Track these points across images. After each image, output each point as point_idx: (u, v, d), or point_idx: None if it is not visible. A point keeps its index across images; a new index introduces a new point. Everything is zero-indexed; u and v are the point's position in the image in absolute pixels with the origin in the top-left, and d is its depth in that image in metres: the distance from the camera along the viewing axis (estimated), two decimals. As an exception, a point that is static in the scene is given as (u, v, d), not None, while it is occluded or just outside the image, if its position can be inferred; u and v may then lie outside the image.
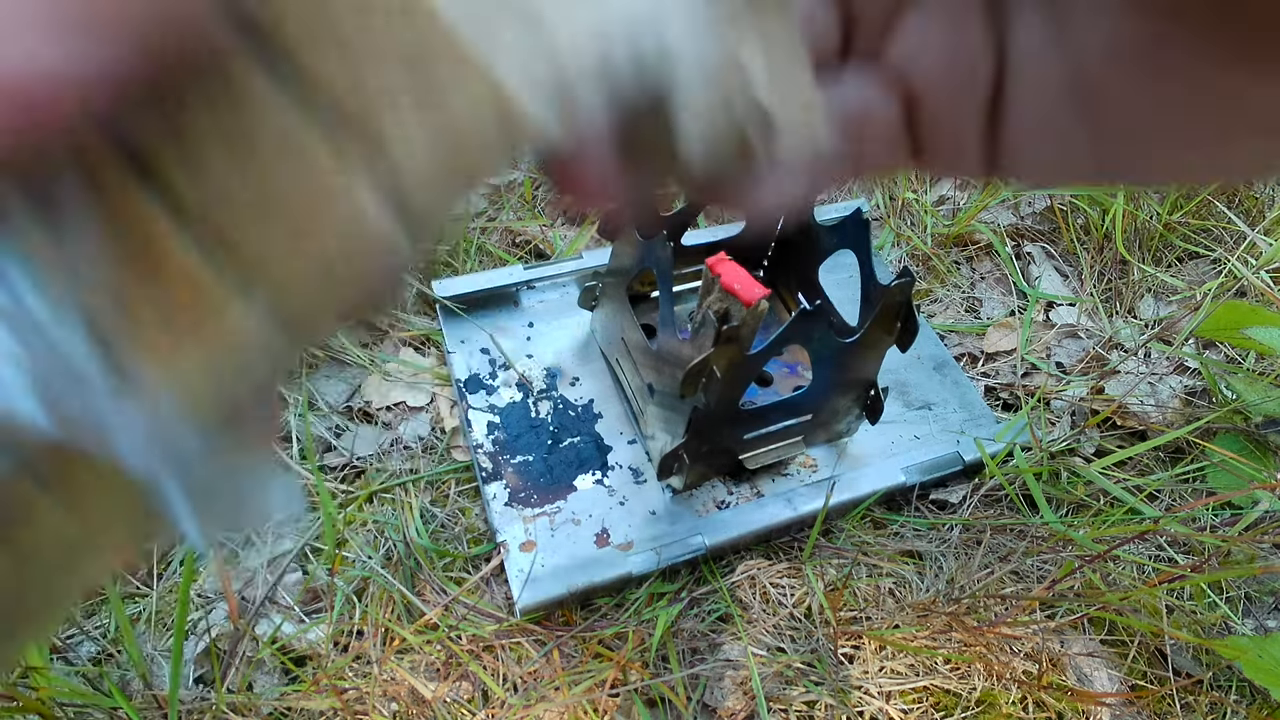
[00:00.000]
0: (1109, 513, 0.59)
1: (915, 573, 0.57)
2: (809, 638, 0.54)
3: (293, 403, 0.63)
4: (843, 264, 0.63)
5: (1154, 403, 0.67)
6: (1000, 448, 0.62)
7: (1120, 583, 0.57)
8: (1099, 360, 0.71)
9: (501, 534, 0.56)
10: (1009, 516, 0.60)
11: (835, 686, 0.51)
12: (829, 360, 0.52)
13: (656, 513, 0.58)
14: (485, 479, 0.58)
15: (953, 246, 0.80)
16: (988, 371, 0.71)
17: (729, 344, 0.47)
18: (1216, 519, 0.61)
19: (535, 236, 0.77)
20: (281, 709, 0.49)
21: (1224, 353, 0.73)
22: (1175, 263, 0.80)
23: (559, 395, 0.64)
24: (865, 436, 0.63)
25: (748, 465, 0.57)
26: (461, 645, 0.52)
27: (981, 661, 0.52)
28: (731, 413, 0.53)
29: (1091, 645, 0.55)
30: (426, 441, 0.62)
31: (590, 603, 0.55)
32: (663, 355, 0.54)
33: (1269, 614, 0.57)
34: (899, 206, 0.82)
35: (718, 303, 0.51)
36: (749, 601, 0.55)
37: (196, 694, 0.49)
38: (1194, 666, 0.54)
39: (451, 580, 0.55)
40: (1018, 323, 0.73)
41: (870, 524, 0.60)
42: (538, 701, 0.50)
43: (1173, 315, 0.75)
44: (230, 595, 0.51)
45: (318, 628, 0.52)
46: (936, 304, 0.76)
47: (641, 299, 0.66)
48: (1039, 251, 0.80)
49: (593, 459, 0.61)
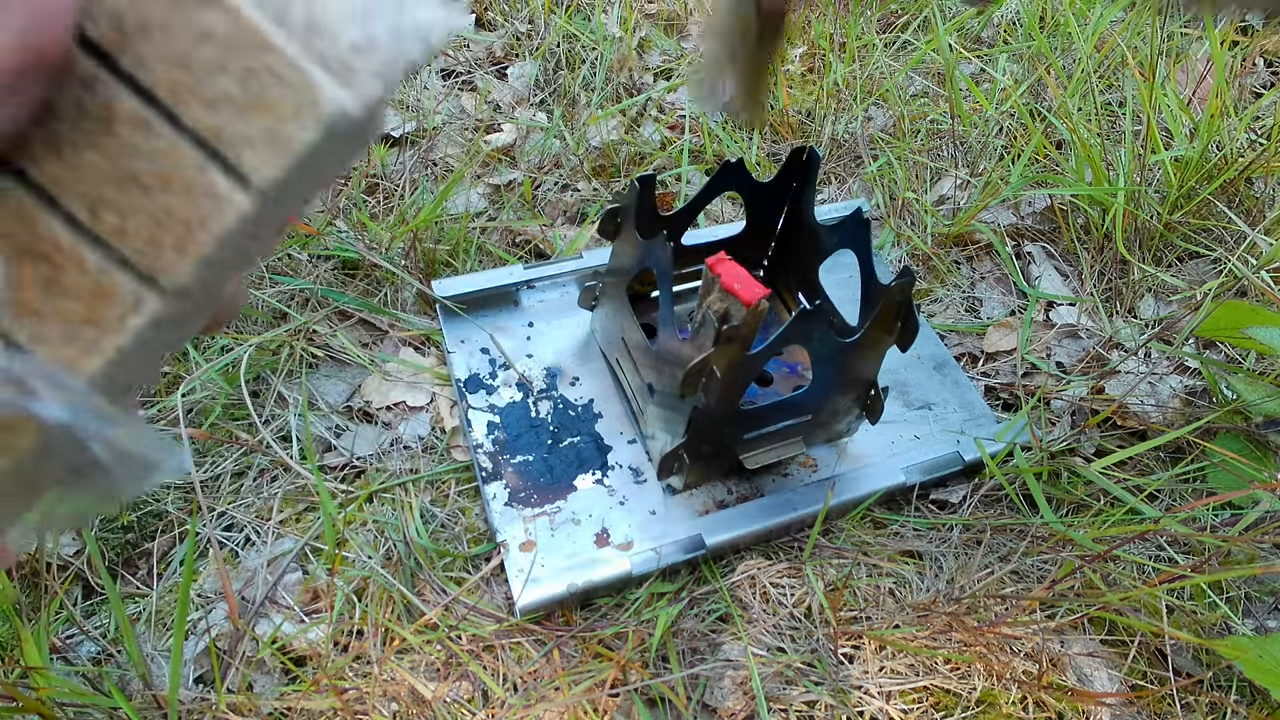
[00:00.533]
0: (1109, 513, 0.59)
1: (915, 573, 0.57)
2: (809, 638, 0.54)
3: (293, 402, 0.63)
4: (843, 264, 0.63)
5: (1154, 403, 0.67)
6: (1000, 448, 0.62)
7: (1120, 583, 0.57)
8: (1099, 360, 0.71)
9: (501, 534, 0.56)
10: (1009, 516, 0.60)
11: (835, 686, 0.51)
12: (829, 360, 0.52)
13: (656, 513, 0.58)
14: (485, 479, 0.58)
15: (953, 246, 0.80)
16: (988, 371, 0.71)
17: (729, 344, 0.47)
18: (1216, 519, 0.61)
19: (535, 236, 0.77)
20: (281, 709, 0.49)
21: (1224, 353, 0.73)
22: (1175, 262, 0.80)
23: (559, 395, 0.64)
24: (865, 436, 0.63)
25: (747, 465, 0.57)
26: (461, 645, 0.52)
27: (981, 661, 0.52)
28: (731, 412, 0.53)
29: (1091, 645, 0.55)
30: (426, 441, 0.62)
31: (590, 603, 0.55)
32: (663, 355, 0.54)
33: (1269, 614, 0.57)
34: (899, 206, 0.82)
35: (718, 303, 0.51)
36: (749, 601, 0.55)
37: (196, 694, 0.49)
38: (1194, 666, 0.54)
39: (451, 580, 0.55)
40: (1018, 323, 0.73)
41: (870, 524, 0.60)
42: (538, 701, 0.50)
43: (1173, 315, 0.75)
44: (230, 595, 0.51)
45: (318, 628, 0.52)
46: (936, 304, 0.76)
47: (641, 299, 0.66)
48: (1039, 251, 0.80)
49: (593, 459, 0.61)
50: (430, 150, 0.84)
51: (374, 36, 0.16)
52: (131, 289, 0.17)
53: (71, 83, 0.16)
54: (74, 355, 0.17)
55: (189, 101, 0.16)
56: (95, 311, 0.17)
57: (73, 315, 0.17)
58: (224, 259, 0.17)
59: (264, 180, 0.16)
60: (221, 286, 0.19)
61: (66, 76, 0.16)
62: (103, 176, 0.16)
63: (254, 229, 0.18)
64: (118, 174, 0.16)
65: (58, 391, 0.15)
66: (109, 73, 0.16)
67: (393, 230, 0.73)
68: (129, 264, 0.17)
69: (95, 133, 0.16)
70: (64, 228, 0.16)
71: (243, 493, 0.58)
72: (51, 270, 0.16)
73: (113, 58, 0.16)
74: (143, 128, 0.16)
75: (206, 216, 0.16)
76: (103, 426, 0.16)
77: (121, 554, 0.56)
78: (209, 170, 0.16)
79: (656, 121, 0.89)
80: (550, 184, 0.82)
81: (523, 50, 0.97)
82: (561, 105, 0.90)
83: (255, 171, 0.16)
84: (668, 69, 0.96)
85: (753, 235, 0.63)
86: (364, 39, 0.16)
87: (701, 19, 1.03)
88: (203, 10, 0.16)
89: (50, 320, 0.16)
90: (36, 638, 0.48)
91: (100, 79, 0.16)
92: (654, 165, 0.84)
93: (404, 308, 0.70)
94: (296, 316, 0.67)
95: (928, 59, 0.98)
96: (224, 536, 0.57)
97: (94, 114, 0.16)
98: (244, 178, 0.16)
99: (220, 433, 0.60)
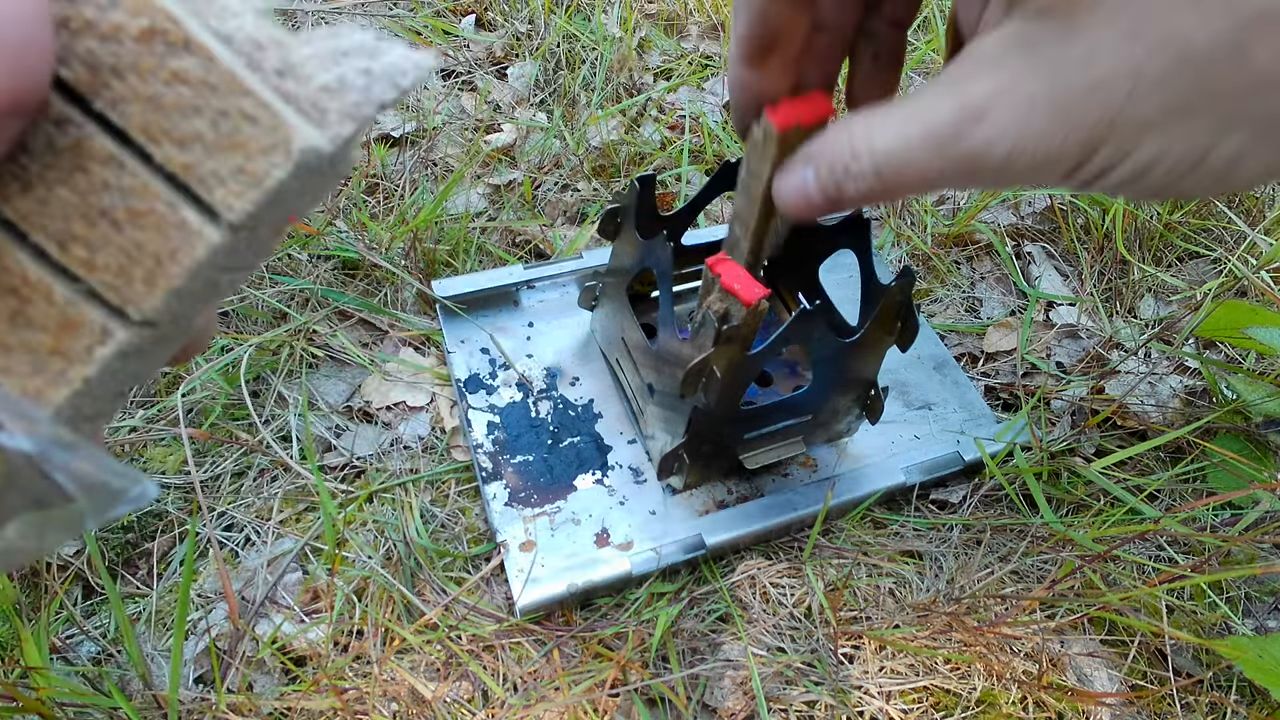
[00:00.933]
0: (1109, 513, 0.59)
1: (915, 573, 0.57)
2: (809, 638, 0.54)
3: (293, 402, 0.63)
4: (843, 264, 0.63)
5: (1154, 403, 0.67)
6: (1000, 448, 0.62)
7: (1120, 583, 0.57)
8: (1099, 360, 0.71)
9: (501, 534, 0.56)
10: (1009, 516, 0.60)
11: (835, 686, 0.51)
12: (829, 360, 0.52)
13: (656, 513, 0.58)
14: (485, 479, 0.58)
15: (953, 246, 0.80)
16: (988, 371, 0.71)
17: (729, 344, 0.47)
18: (1216, 519, 0.61)
19: (535, 236, 0.77)
20: (281, 709, 0.49)
21: (1224, 353, 0.73)
22: (1175, 262, 0.80)
23: (559, 395, 0.64)
24: (865, 436, 0.63)
25: (747, 465, 0.57)
26: (461, 645, 0.52)
27: (981, 661, 0.52)
28: (731, 412, 0.53)
29: (1091, 645, 0.55)
30: (426, 441, 0.62)
31: (590, 603, 0.55)
32: (663, 355, 0.54)
33: (1269, 614, 0.57)
34: (899, 206, 0.82)
35: (718, 303, 0.51)
36: (749, 601, 0.55)
37: (196, 694, 0.49)
38: (1194, 666, 0.54)
39: (451, 580, 0.55)
40: (1018, 322, 0.73)
41: (870, 524, 0.60)
42: (538, 701, 0.50)
43: (1173, 315, 0.75)
44: (230, 595, 0.51)
45: (318, 628, 0.52)
46: (936, 304, 0.76)
47: (641, 299, 0.66)
48: (1039, 251, 0.80)
49: (593, 459, 0.61)
50: (430, 150, 0.84)
51: (345, 78, 0.17)
52: (99, 320, 0.17)
53: (44, 122, 0.16)
54: (40, 386, 0.17)
55: (161, 141, 0.16)
56: (62, 343, 0.17)
57: (40, 346, 0.17)
58: (194, 291, 0.18)
59: (235, 215, 0.17)
60: (191, 319, 0.20)
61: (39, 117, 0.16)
62: (73, 211, 0.16)
63: (224, 261, 0.18)
64: (88, 209, 0.16)
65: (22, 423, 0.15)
66: (81, 113, 0.16)
67: (393, 230, 0.73)
68: (97, 296, 0.17)
69: (66, 170, 0.16)
70: (32, 261, 0.16)
71: (243, 493, 0.58)
72: (19, 303, 0.16)
73: (86, 99, 0.16)
74: (114, 165, 0.16)
75: (177, 249, 0.17)
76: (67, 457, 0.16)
77: (121, 554, 0.56)
78: (180, 206, 0.16)
79: (656, 121, 0.89)
80: (550, 184, 0.82)
81: (523, 50, 0.97)
82: (561, 105, 0.90)
83: (227, 207, 0.16)
84: (668, 69, 0.96)
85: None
86: (335, 81, 0.17)
87: (701, 19, 1.03)
88: (177, 55, 0.16)
89: (16, 352, 0.17)
90: (36, 638, 0.48)
91: (73, 119, 0.16)
92: (654, 165, 0.84)
93: (404, 308, 0.70)
94: (296, 316, 0.67)
95: (928, 59, 0.98)
96: (224, 536, 0.57)
97: (65, 152, 0.16)
98: (215, 213, 0.17)
99: (220, 433, 0.60)
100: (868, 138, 0.28)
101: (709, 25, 1.03)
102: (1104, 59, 0.22)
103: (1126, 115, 0.22)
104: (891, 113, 0.27)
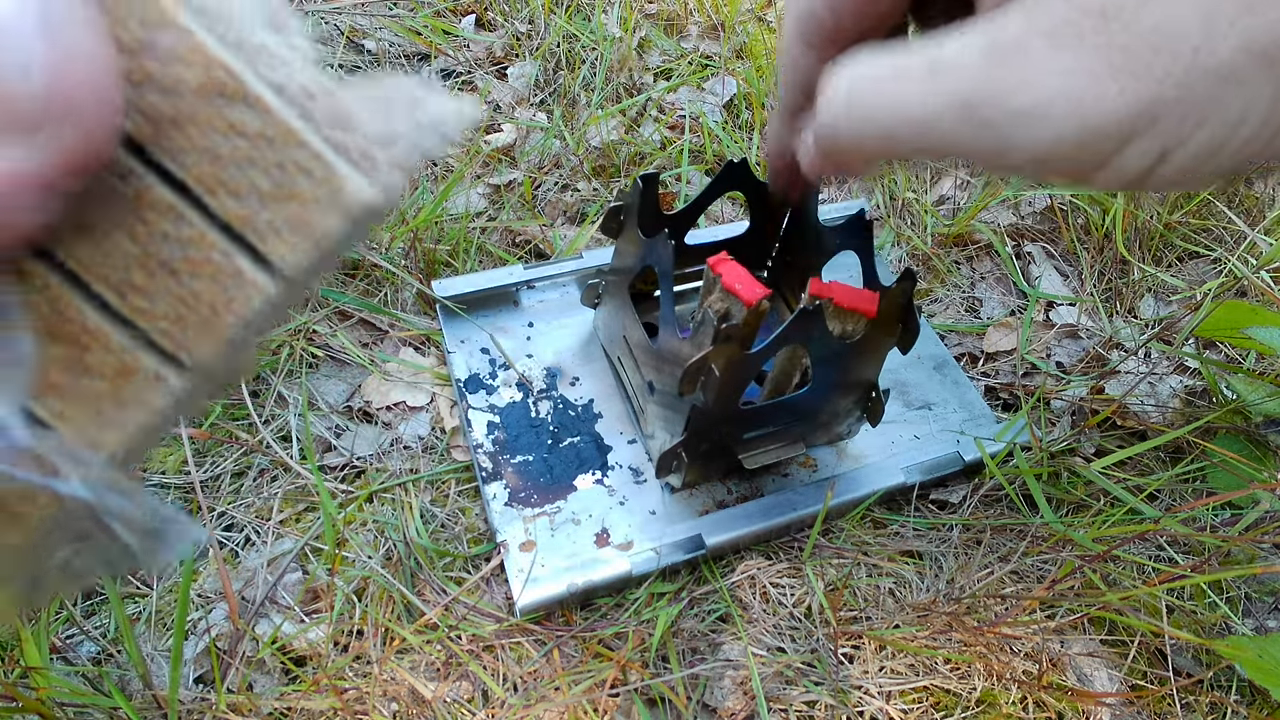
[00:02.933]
0: (1109, 513, 0.59)
1: (915, 573, 0.57)
2: (809, 638, 0.54)
3: (293, 402, 0.63)
4: (844, 264, 0.62)
5: (1154, 403, 0.67)
6: (1000, 448, 0.62)
7: (1120, 583, 0.57)
8: (1099, 360, 0.71)
9: (501, 534, 0.56)
10: (1009, 516, 0.60)
11: (835, 686, 0.51)
12: (829, 361, 0.52)
13: (656, 513, 0.58)
14: (485, 479, 0.58)
15: (953, 246, 0.80)
16: (988, 371, 0.71)
17: (728, 342, 0.47)
18: (1216, 519, 0.61)
19: (535, 236, 0.77)
20: (281, 709, 0.49)
21: (1224, 353, 0.73)
22: (1175, 262, 0.80)
23: (559, 395, 0.64)
24: (865, 437, 0.63)
25: (746, 465, 0.57)
26: (461, 645, 0.52)
27: (981, 661, 0.52)
28: (730, 411, 0.53)
29: (1091, 645, 0.55)
30: (426, 441, 0.62)
31: (590, 603, 0.55)
32: (663, 353, 0.54)
33: (1269, 614, 0.57)
34: (899, 206, 0.82)
35: (719, 302, 0.51)
36: (749, 601, 0.55)
37: (196, 694, 0.49)
38: (1194, 666, 0.54)
39: (451, 580, 0.55)
40: (1018, 322, 0.73)
41: (870, 524, 0.60)
42: (538, 701, 0.50)
43: (1173, 315, 0.75)
44: (230, 595, 0.51)
45: (318, 628, 0.52)
46: (936, 304, 0.76)
47: (644, 297, 0.66)
48: (1039, 251, 0.80)
49: (593, 459, 0.61)
50: (430, 150, 0.84)
51: (394, 129, 0.17)
52: (154, 368, 0.17)
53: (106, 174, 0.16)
54: (96, 433, 0.17)
55: (218, 191, 0.16)
56: (119, 389, 0.17)
57: (97, 393, 0.17)
58: (247, 338, 0.18)
59: (290, 267, 0.17)
60: (240, 361, 0.20)
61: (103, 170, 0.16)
62: (131, 260, 0.17)
63: (277, 309, 0.18)
64: (146, 258, 0.17)
65: (78, 468, 0.16)
66: (141, 163, 0.16)
67: (393, 230, 0.73)
68: (154, 344, 0.17)
69: (126, 219, 0.16)
70: (91, 309, 0.17)
71: (243, 493, 0.58)
72: (78, 350, 0.17)
73: (146, 150, 0.16)
74: (173, 216, 0.16)
75: (233, 300, 0.17)
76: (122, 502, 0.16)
77: (121, 554, 0.56)
78: (236, 257, 0.17)
79: (656, 121, 0.89)
80: (550, 184, 0.82)
81: (523, 50, 0.97)
82: (561, 105, 0.90)
83: (282, 259, 0.17)
84: (668, 69, 0.96)
85: (755, 235, 0.63)
86: (385, 132, 0.17)
87: (701, 19, 1.03)
88: (234, 107, 0.16)
89: (74, 398, 0.17)
90: (36, 638, 0.48)
91: (134, 170, 0.16)
92: (654, 165, 0.84)
93: (404, 308, 0.70)
94: (296, 316, 0.67)
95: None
96: (224, 536, 0.57)
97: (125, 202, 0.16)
98: (270, 265, 0.17)
99: (220, 433, 0.60)
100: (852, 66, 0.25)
101: (709, 25, 1.03)
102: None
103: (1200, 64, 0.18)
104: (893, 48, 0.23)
